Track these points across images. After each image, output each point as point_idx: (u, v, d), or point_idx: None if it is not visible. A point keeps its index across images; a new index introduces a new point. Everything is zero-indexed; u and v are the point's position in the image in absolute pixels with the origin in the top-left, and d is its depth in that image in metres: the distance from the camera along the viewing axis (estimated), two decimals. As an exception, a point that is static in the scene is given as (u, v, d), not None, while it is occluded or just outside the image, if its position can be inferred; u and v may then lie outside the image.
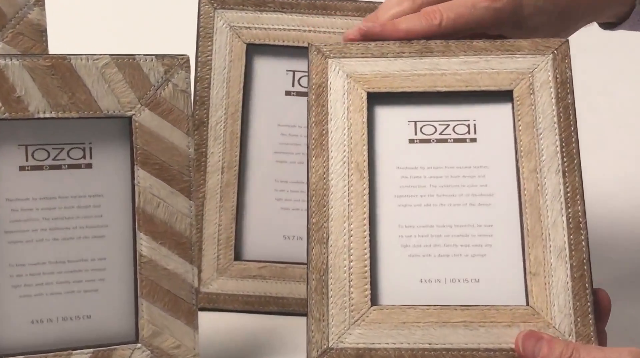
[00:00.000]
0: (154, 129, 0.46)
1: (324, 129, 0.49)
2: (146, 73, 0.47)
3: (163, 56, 0.47)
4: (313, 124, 0.49)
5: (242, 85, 0.58)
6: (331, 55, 0.49)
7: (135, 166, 0.46)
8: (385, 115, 0.50)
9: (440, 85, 0.49)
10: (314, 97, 0.49)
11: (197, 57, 0.57)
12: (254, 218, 0.58)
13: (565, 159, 0.47)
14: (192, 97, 0.50)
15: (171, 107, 0.47)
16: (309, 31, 0.58)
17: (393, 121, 0.50)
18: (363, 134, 0.48)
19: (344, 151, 0.48)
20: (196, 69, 0.57)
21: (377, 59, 0.49)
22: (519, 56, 0.49)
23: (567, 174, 0.47)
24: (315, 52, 0.50)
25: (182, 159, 0.47)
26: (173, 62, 0.47)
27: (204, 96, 0.58)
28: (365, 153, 0.48)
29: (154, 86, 0.47)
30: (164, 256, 0.46)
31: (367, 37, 0.49)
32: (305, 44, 0.57)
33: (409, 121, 0.50)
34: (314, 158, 0.48)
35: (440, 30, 0.48)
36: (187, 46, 0.57)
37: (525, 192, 0.47)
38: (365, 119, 0.49)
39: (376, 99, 0.50)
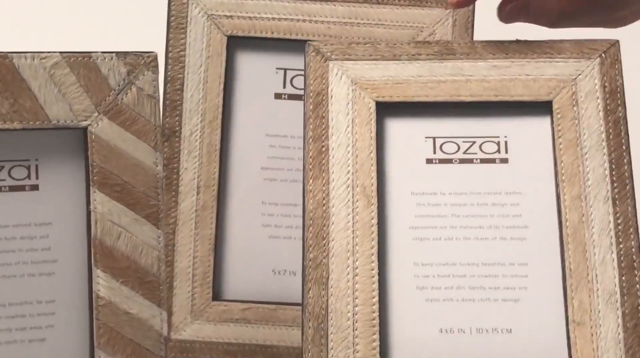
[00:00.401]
0: (114, 143, 0.47)
1: (323, 146, 0.49)
2: (105, 75, 0.47)
3: (125, 54, 0.47)
4: (311, 140, 0.49)
5: (222, 86, 0.58)
6: (333, 57, 0.50)
7: (91, 188, 0.46)
8: (398, 129, 0.50)
9: (464, 94, 0.49)
10: (311, 107, 0.49)
11: (167, 53, 0.57)
12: (236, 249, 0.58)
13: (615, 184, 0.48)
14: (160, 102, 0.50)
15: (135, 116, 0.47)
16: (304, 21, 0.58)
17: (407, 137, 0.50)
18: (371, 152, 0.49)
19: (348, 172, 0.48)
20: (166, 68, 0.57)
21: (388, 62, 0.49)
22: (560, 60, 0.49)
23: (617, 202, 0.47)
24: (313, 53, 0.50)
25: (148, 178, 0.47)
26: (137, 61, 0.47)
27: (175, 100, 0.57)
28: (374, 174, 0.48)
29: (114, 91, 0.47)
30: (125, 297, 0.46)
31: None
32: (299, 37, 0.57)
33: (426, 137, 0.50)
34: (311, 180, 0.48)
35: None
36: (155, 40, 0.57)
37: (568, 224, 0.48)
38: (373, 134, 0.49)
39: (387, 110, 0.50)
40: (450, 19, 0.56)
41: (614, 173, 0.48)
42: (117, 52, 0.47)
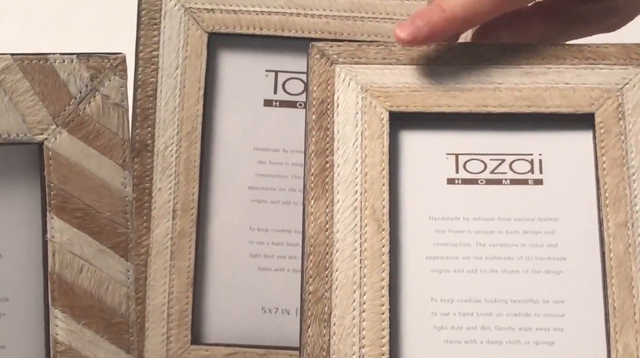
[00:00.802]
0: (75, 160, 0.47)
1: (327, 162, 0.49)
2: (64, 80, 0.47)
3: (88, 56, 0.47)
4: (313, 155, 0.49)
5: (202, 92, 0.58)
6: (340, 60, 0.50)
7: (47, 213, 0.46)
8: (415, 144, 0.50)
9: (492, 104, 0.50)
10: (314, 117, 0.50)
11: (137, 53, 0.57)
12: (219, 283, 0.58)
13: (667, 210, 0.49)
14: (130, 111, 0.50)
15: (100, 129, 0.47)
16: (298, 15, 0.58)
17: (425, 153, 0.50)
18: (382, 170, 0.49)
19: (356, 192, 0.49)
20: (136, 71, 0.57)
21: (404, 67, 0.50)
22: (604, 67, 0.50)
23: (670, 231, 0.48)
24: (317, 56, 0.50)
25: (115, 202, 0.47)
26: (102, 64, 0.47)
27: (147, 109, 0.58)
28: (386, 195, 0.49)
29: (75, 99, 0.47)
30: (88, 342, 0.46)
31: (417, 43, 0.50)
32: (292, 34, 0.58)
33: (448, 154, 0.51)
34: (312, 201, 0.49)
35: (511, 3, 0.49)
36: (123, 39, 0.57)
37: (612, 255, 0.48)
38: (386, 149, 0.49)
39: (402, 121, 0.50)
40: None
41: (666, 196, 0.49)
42: (78, 54, 0.47)
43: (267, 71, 0.59)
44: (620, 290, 0.48)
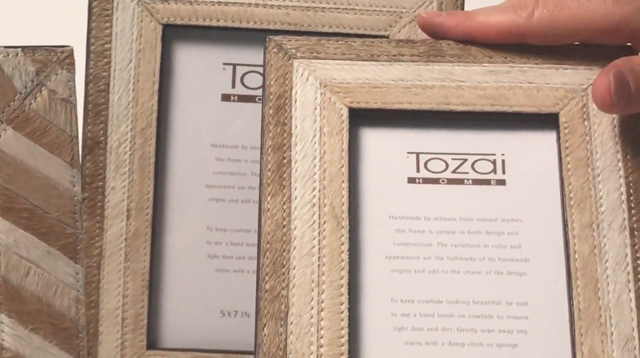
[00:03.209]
0: (21, 158, 0.47)
1: (285, 157, 0.50)
2: (8, 75, 0.47)
3: (33, 49, 0.47)
4: (269, 150, 0.49)
5: (156, 86, 0.58)
6: (298, 54, 0.50)
7: None
8: (375, 142, 0.51)
9: (454, 102, 0.51)
10: (271, 112, 0.50)
11: (89, 46, 0.57)
12: (176, 285, 0.58)
13: (633, 211, 0.49)
14: (80, 107, 0.49)
15: (46, 125, 0.47)
16: (257, 5, 0.58)
17: (386, 151, 0.51)
18: (342, 166, 0.50)
19: (314, 188, 0.49)
20: (88, 64, 0.57)
21: (365, 63, 0.50)
22: (569, 67, 0.51)
23: (636, 232, 0.49)
24: (274, 50, 0.51)
25: (63, 201, 0.47)
26: (49, 58, 0.47)
27: (99, 104, 0.58)
28: (345, 193, 0.49)
29: (21, 94, 0.47)
30: (36, 348, 0.46)
31: (428, 29, 0.51)
32: (251, 25, 0.58)
33: (408, 152, 0.51)
34: (269, 197, 0.49)
35: (530, 27, 0.50)
36: (72, 31, 0.57)
37: (576, 256, 0.49)
38: (345, 146, 0.50)
39: (362, 118, 0.51)
40: (435, 2, 0.57)
41: (631, 198, 0.49)
42: (23, 47, 0.47)
43: (224, 64, 0.59)
44: (586, 292, 0.48)
